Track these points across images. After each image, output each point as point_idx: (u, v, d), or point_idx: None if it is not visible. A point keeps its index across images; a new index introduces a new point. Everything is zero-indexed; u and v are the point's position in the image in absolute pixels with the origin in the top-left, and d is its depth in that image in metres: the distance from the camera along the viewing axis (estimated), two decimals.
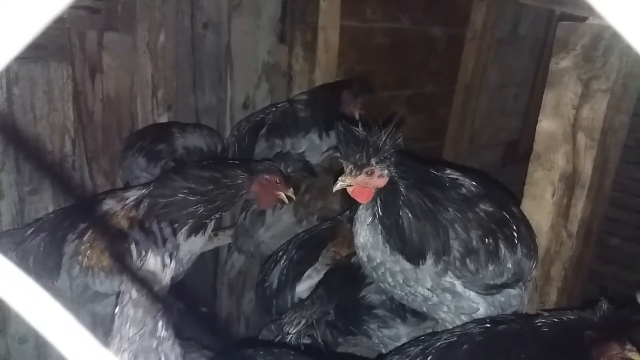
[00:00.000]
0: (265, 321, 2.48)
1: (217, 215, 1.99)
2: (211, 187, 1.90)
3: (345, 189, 1.65)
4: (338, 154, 1.62)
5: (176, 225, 1.89)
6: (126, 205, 1.96)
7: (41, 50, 2.41)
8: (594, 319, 1.59)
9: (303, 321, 1.93)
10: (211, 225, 2.03)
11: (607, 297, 1.61)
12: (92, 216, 1.99)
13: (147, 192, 1.95)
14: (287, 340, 1.93)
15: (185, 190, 1.89)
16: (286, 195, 2.08)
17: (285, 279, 2.38)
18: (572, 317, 1.64)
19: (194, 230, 1.93)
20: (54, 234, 2.04)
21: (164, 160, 2.66)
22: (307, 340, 2.13)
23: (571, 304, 2.19)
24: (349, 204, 2.28)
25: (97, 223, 1.96)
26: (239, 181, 1.95)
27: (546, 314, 1.73)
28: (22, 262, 2.05)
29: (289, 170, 2.05)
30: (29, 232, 2.10)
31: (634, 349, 1.55)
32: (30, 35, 0.38)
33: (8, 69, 2.32)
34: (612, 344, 1.55)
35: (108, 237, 1.92)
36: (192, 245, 1.98)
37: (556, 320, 1.64)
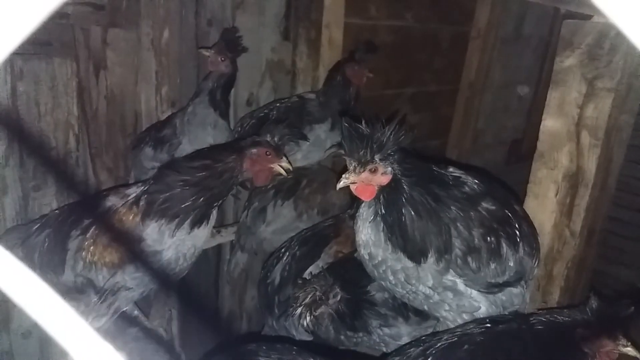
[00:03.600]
0: (267, 318, 2.48)
1: (217, 204, 1.97)
2: (204, 174, 1.88)
3: (349, 186, 1.65)
4: (342, 151, 1.62)
5: (178, 219, 1.89)
6: (127, 202, 1.97)
7: (45, 46, 2.42)
8: (584, 316, 1.60)
9: (310, 295, 1.92)
10: (214, 215, 2.02)
11: (596, 294, 1.62)
12: (95, 212, 1.99)
13: (145, 189, 1.96)
14: (295, 315, 1.91)
15: (181, 183, 1.88)
16: (281, 166, 2.01)
17: (287, 276, 2.38)
18: (564, 316, 1.64)
19: (197, 222, 1.92)
20: (58, 229, 2.05)
21: (168, 144, 2.67)
22: (309, 337, 2.14)
23: (573, 303, 2.19)
24: (350, 197, 2.27)
25: (100, 219, 1.96)
26: (230, 163, 1.91)
27: (539, 312, 1.74)
28: (27, 257, 2.06)
29: (276, 139, 1.98)
30: (34, 228, 2.11)
31: (628, 343, 1.55)
32: (29, 29, 0.38)
33: (12, 65, 2.32)
34: (605, 340, 1.56)
35: (111, 233, 1.92)
36: (195, 239, 1.98)
37: (550, 319, 1.65)
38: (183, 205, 1.88)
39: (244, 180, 2.04)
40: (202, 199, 1.89)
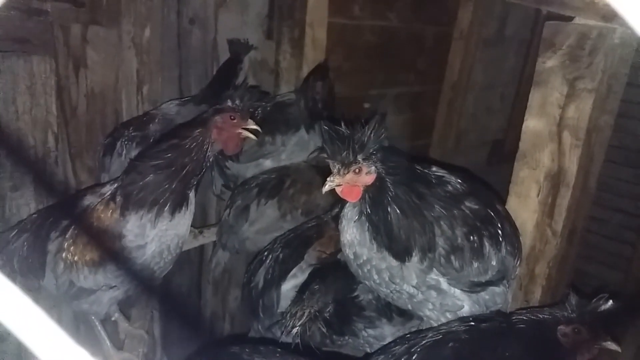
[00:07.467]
0: (252, 322, 2.46)
1: (194, 182, 1.95)
2: (174, 155, 1.87)
3: (334, 189, 1.64)
4: (325, 155, 1.61)
5: (158, 206, 1.87)
6: (103, 199, 1.94)
7: (24, 43, 2.37)
8: (565, 313, 1.62)
9: (307, 313, 1.91)
10: (192, 200, 2.00)
11: (574, 291, 1.64)
12: (73, 212, 1.96)
13: (118, 184, 1.94)
14: (293, 334, 1.90)
15: (153, 169, 1.86)
16: (249, 130, 1.99)
17: (270, 279, 2.37)
18: (544, 314, 1.66)
19: (177, 206, 1.91)
20: (36, 233, 2.02)
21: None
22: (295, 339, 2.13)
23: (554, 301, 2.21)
24: (334, 197, 2.26)
25: (79, 219, 1.94)
26: (197, 137, 1.89)
27: (521, 311, 1.75)
28: (7, 264, 2.02)
29: (237, 102, 1.97)
30: (13, 234, 2.07)
31: (608, 337, 1.58)
32: None
33: None
34: (585, 335, 1.58)
35: (90, 231, 1.89)
36: (178, 228, 1.96)
37: (531, 317, 1.66)
38: (160, 190, 1.86)
39: (216, 153, 2.00)
40: (177, 179, 1.87)
